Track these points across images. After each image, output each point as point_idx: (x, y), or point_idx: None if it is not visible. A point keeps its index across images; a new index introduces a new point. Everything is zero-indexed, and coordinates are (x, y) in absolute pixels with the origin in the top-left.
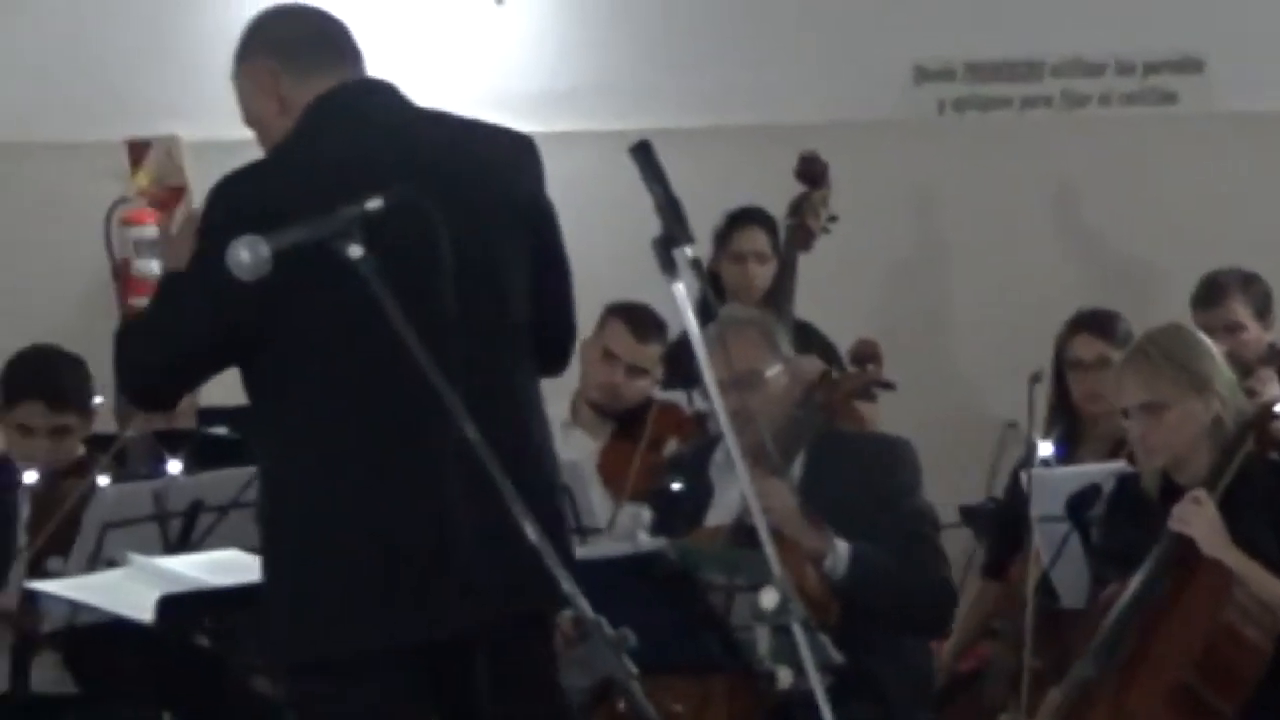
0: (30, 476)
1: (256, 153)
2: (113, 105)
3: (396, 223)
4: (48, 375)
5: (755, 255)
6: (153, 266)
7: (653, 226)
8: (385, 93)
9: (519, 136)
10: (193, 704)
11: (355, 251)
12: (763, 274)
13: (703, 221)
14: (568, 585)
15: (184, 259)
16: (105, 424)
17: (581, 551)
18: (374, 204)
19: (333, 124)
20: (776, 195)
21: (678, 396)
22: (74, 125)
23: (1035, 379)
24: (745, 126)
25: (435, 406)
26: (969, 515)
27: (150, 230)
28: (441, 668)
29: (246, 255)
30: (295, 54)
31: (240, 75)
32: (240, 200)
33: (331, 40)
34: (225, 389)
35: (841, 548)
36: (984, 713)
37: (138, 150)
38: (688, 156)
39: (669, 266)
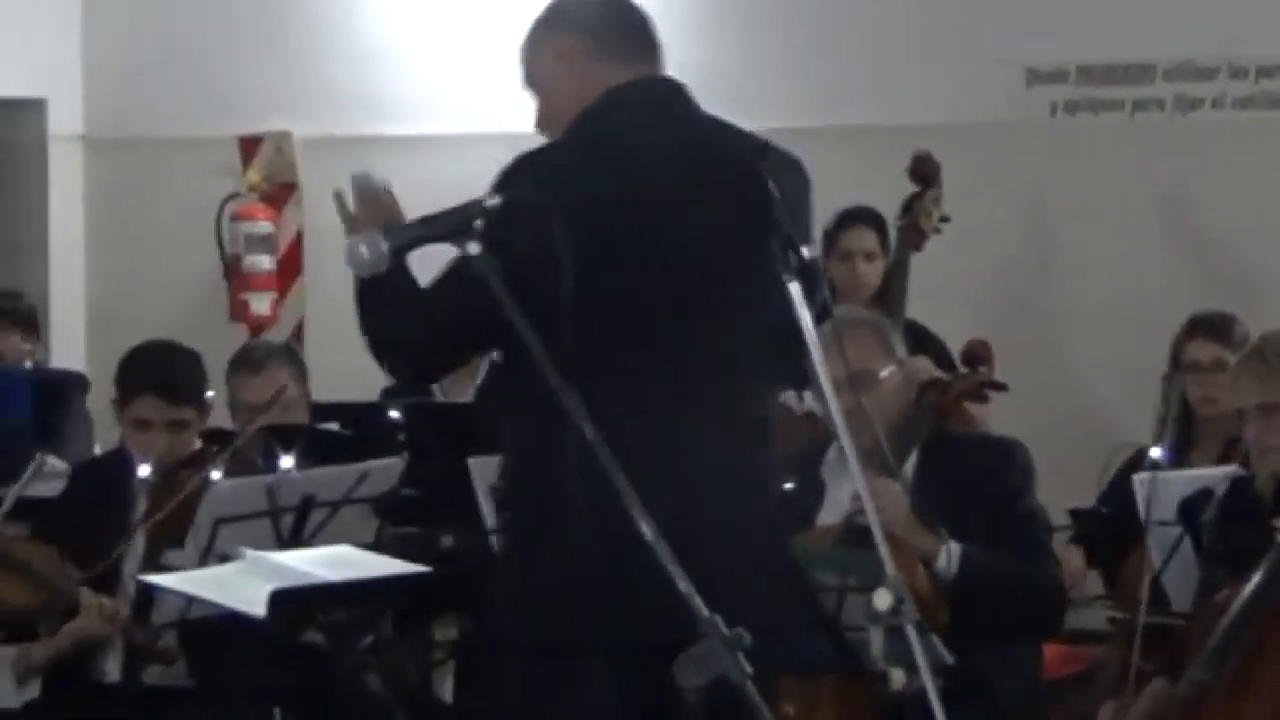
0: (145, 470)
1: (366, 148)
2: (225, 101)
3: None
4: (164, 370)
5: (864, 254)
6: (263, 262)
7: None
8: (677, 94)
9: (795, 162)
10: (303, 700)
11: (474, 249)
12: (870, 272)
13: (814, 222)
14: (683, 585)
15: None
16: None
17: None
18: (493, 202)
19: (622, 119)
20: (888, 196)
21: (787, 396)
22: (187, 121)
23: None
24: (857, 127)
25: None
26: (1078, 517)
27: (261, 226)
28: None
29: (365, 251)
30: (607, 39)
31: (541, 45)
32: (522, 186)
33: (639, 32)
34: (337, 385)
35: (953, 548)
36: (1091, 716)
37: (249, 146)
38: (799, 156)
39: (786, 266)
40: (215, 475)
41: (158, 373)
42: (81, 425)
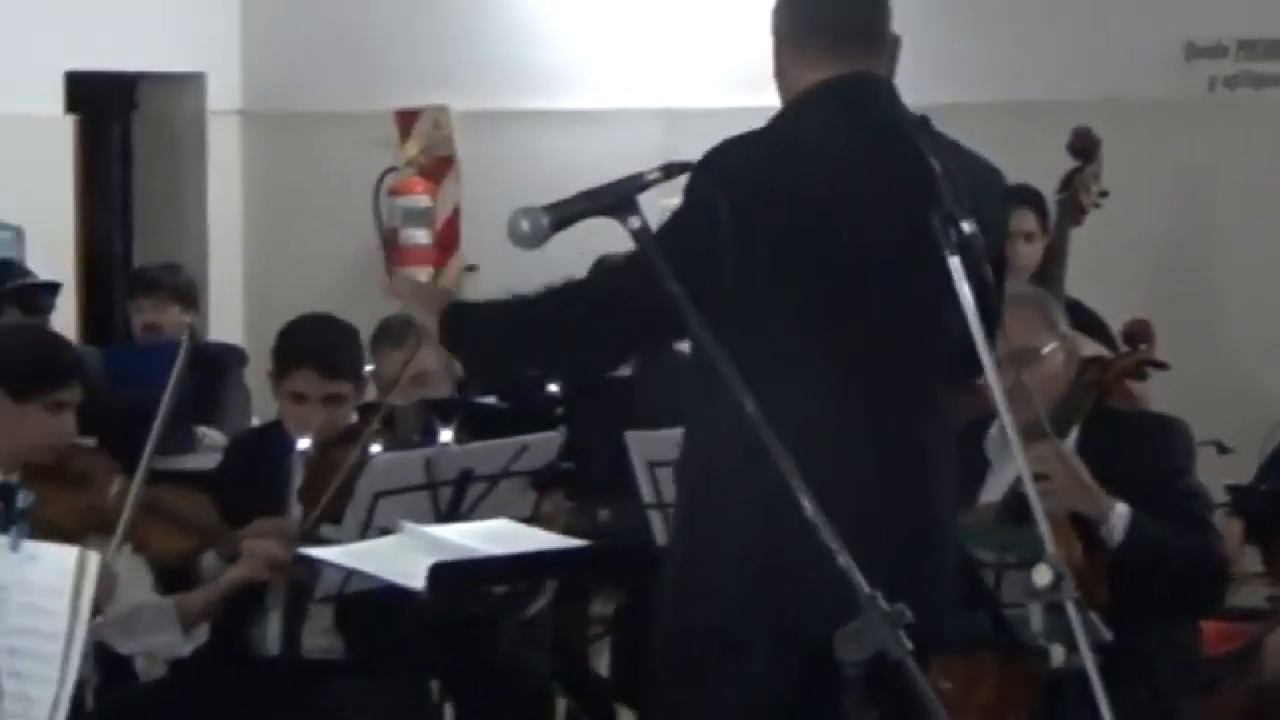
0: (304, 443)
1: (522, 122)
2: (382, 75)
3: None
4: (320, 344)
5: (1024, 235)
6: (420, 236)
7: None
8: (873, 93)
9: (997, 175)
10: (461, 673)
11: (635, 223)
12: (1030, 253)
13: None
14: (842, 559)
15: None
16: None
17: None
18: (654, 176)
19: (810, 121)
20: (1046, 172)
21: None
22: (344, 95)
23: None
24: (1015, 103)
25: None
26: (1238, 493)
27: (419, 200)
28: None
29: (526, 226)
30: (800, 35)
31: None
32: (718, 174)
33: (849, 29)
34: None
35: (1120, 510)
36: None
37: (407, 120)
38: (958, 133)
39: (947, 240)
40: (375, 449)
41: (314, 347)
42: (239, 398)
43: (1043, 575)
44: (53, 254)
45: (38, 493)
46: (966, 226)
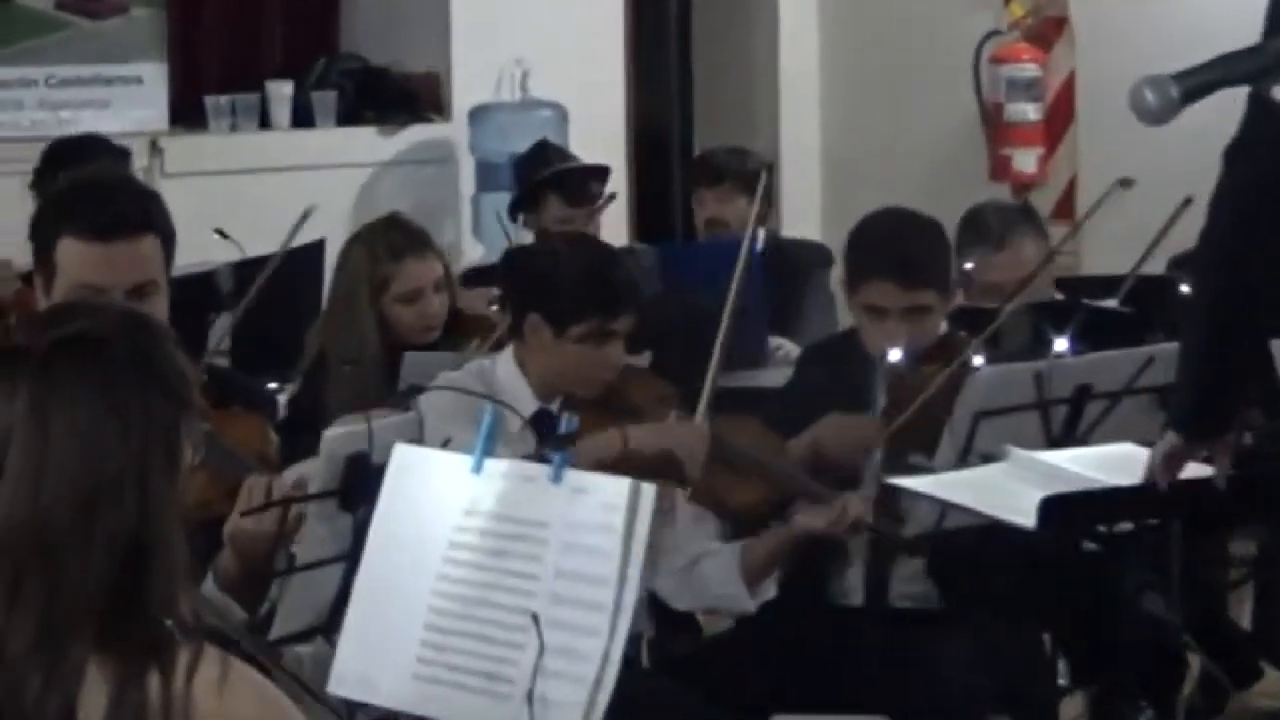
0: (894, 355)
1: None
2: None
3: None
4: (898, 250)
5: None
6: (1028, 111)
7: None
8: None
9: None
10: (1077, 622)
11: None
12: None
13: None
14: None
15: None
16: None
17: None
18: None
19: None
20: None
21: None
22: None
23: None
24: None
25: None
26: None
27: (1027, 70)
28: None
29: (1153, 98)
30: None
31: None
32: None
33: None
34: (1117, 254)
35: None
36: None
37: None
38: None
39: None
40: (976, 362)
41: (890, 254)
42: (821, 304)
43: None
44: (601, 137)
45: (580, 424)
46: None
